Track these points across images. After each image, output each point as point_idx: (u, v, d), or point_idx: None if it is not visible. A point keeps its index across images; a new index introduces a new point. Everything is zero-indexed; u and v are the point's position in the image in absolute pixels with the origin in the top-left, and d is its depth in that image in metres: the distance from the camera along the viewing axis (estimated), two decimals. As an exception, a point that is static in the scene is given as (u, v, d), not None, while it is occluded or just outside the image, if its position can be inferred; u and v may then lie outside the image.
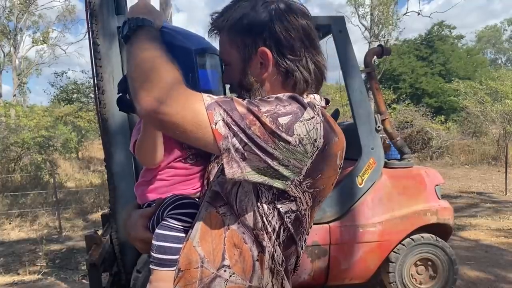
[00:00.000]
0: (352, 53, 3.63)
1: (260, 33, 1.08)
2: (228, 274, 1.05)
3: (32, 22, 26.10)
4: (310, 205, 1.08)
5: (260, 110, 0.95)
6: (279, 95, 1.03)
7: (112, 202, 3.32)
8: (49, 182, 11.26)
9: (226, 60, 1.18)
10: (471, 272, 4.76)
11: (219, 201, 1.09)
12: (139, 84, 0.94)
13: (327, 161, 1.03)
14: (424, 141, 15.99)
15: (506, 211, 7.79)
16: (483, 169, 13.26)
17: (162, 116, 0.91)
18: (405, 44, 28.56)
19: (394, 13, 21.24)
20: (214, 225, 1.08)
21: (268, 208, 1.03)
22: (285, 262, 1.10)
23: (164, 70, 0.94)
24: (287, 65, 1.09)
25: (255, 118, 0.94)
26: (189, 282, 1.08)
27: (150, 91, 0.91)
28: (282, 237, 1.07)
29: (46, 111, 18.38)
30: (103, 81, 3.24)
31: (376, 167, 3.68)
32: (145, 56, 0.96)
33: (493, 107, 14.84)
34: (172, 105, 0.90)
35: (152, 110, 0.91)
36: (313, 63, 1.12)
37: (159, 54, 0.97)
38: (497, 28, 49.36)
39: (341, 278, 3.73)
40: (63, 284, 4.97)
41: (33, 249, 6.45)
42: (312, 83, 1.13)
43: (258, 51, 1.09)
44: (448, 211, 3.85)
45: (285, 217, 1.05)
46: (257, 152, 0.94)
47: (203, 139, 0.94)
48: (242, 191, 1.05)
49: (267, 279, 1.07)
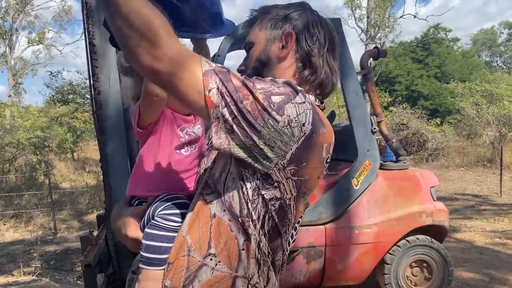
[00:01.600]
0: (348, 55, 3.64)
1: (291, 20, 1.19)
2: (214, 262, 1.05)
3: (28, 22, 26.00)
4: (295, 195, 1.08)
5: (255, 86, 0.97)
6: (276, 78, 1.07)
7: (107, 202, 3.31)
8: (44, 183, 11.22)
9: (251, 41, 1.25)
10: (466, 274, 4.77)
11: (207, 189, 1.10)
12: (134, 42, 0.91)
13: (313, 150, 1.05)
14: (419, 143, 16.07)
15: (501, 213, 7.83)
16: (478, 171, 13.32)
17: (159, 73, 0.92)
18: (401, 46, 28.66)
19: (391, 16, 21.30)
20: (201, 213, 1.09)
21: (253, 194, 1.04)
22: (271, 255, 1.11)
23: (159, 27, 0.91)
24: (306, 49, 1.17)
25: (249, 92, 0.95)
26: (177, 271, 1.08)
27: (147, 49, 0.90)
28: (267, 226, 1.07)
29: (41, 112, 18.30)
30: (99, 81, 3.23)
31: (371, 168, 3.69)
32: (132, 7, 0.90)
33: (488, 109, 14.91)
34: (170, 62, 0.91)
35: (150, 67, 0.92)
36: (328, 65, 1.19)
37: (146, 4, 0.92)
38: (492, 31, 49.60)
39: (337, 279, 3.73)
40: (57, 285, 4.95)
41: (27, 250, 6.42)
42: (319, 80, 1.18)
43: (284, 32, 1.18)
44: (443, 213, 3.86)
45: (269, 204, 1.06)
46: (245, 127, 0.95)
47: (195, 104, 0.96)
48: (230, 178, 1.06)
49: (253, 269, 1.07)
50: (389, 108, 19.54)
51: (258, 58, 1.21)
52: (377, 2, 20.09)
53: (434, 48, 27.29)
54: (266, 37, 1.21)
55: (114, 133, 3.29)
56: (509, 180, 11.01)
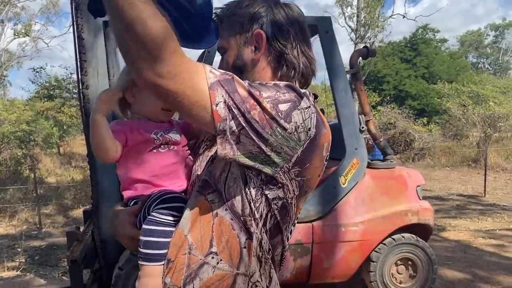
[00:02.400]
0: (338, 53, 3.66)
1: (258, 19, 1.15)
2: (216, 261, 1.06)
3: (14, 14, 25.54)
4: (297, 194, 1.10)
5: (261, 94, 0.96)
6: (276, 82, 1.06)
7: (94, 198, 3.28)
8: (29, 177, 11.06)
9: (223, 47, 1.22)
10: (450, 272, 4.84)
11: (208, 188, 1.10)
12: (136, 53, 0.84)
13: (316, 151, 1.07)
14: (406, 143, 16.19)
15: (485, 212, 7.94)
16: (463, 171, 13.48)
17: (162, 89, 0.88)
18: (389, 46, 28.87)
19: (381, 15, 21.40)
20: (202, 213, 1.09)
21: (256, 194, 1.05)
22: (272, 251, 1.12)
23: (165, 41, 0.84)
24: (279, 48, 1.14)
25: (256, 102, 0.94)
26: (177, 269, 1.09)
27: (151, 64, 0.84)
28: (268, 224, 1.08)
29: (27, 105, 18.02)
30: (88, 75, 3.20)
31: (359, 167, 3.72)
32: (137, 15, 0.81)
33: (474, 110, 15.10)
34: (175, 80, 0.87)
35: (152, 84, 0.87)
36: (304, 55, 1.18)
37: (152, 11, 0.83)
38: (479, 33, 50.19)
39: (323, 276, 3.75)
40: (42, 280, 4.90)
41: (11, 245, 6.34)
42: (300, 73, 1.17)
43: (254, 34, 1.15)
44: (428, 211, 3.91)
45: (272, 203, 1.06)
46: (252, 137, 0.95)
47: (202, 118, 0.93)
48: (231, 177, 1.06)
49: (254, 267, 1.08)
50: (377, 108, 19.67)
51: (234, 65, 1.18)
52: (367, 1, 20.15)
53: (422, 48, 27.55)
54: (237, 42, 1.18)
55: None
56: (493, 180, 11.18)
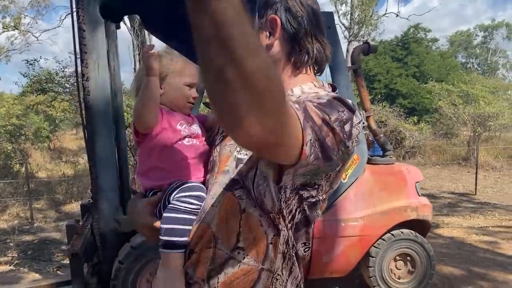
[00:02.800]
0: (340, 49, 3.66)
1: (272, 4, 1.12)
2: (242, 256, 1.06)
3: (3, 7, 25.14)
4: (327, 191, 1.10)
5: (331, 118, 0.93)
6: (327, 97, 1.01)
7: (93, 191, 3.24)
8: (19, 172, 10.94)
9: None
10: (446, 268, 4.88)
11: (235, 184, 1.09)
12: (245, 108, 0.67)
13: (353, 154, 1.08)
14: (397, 141, 16.27)
15: (476, 210, 8.03)
16: (453, 169, 13.61)
17: (268, 146, 0.77)
18: (381, 45, 28.98)
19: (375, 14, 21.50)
20: (230, 208, 1.08)
21: (291, 193, 1.04)
22: (295, 246, 1.11)
23: (283, 88, 0.71)
24: (293, 33, 1.12)
25: (329, 129, 0.92)
26: (201, 262, 1.09)
27: (263, 119, 0.70)
28: (296, 219, 1.08)
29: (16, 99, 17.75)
30: (88, 67, 3.15)
31: (359, 163, 3.72)
32: (261, 64, 0.65)
33: (465, 109, 15.24)
34: (282, 135, 0.78)
35: (257, 141, 0.73)
36: (318, 41, 1.15)
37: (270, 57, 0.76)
38: (468, 33, 50.72)
39: (322, 271, 3.76)
40: (37, 275, 4.85)
41: (3, 240, 6.26)
42: (313, 58, 1.15)
43: (268, 19, 1.12)
44: (427, 208, 3.94)
45: (304, 202, 1.06)
46: (321, 162, 0.93)
47: (288, 157, 0.88)
48: (260, 176, 1.04)
49: (279, 263, 1.08)
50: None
51: None
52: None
53: (414, 47, 27.71)
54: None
55: (101, 121, 3.21)
56: (483, 179, 11.30)
